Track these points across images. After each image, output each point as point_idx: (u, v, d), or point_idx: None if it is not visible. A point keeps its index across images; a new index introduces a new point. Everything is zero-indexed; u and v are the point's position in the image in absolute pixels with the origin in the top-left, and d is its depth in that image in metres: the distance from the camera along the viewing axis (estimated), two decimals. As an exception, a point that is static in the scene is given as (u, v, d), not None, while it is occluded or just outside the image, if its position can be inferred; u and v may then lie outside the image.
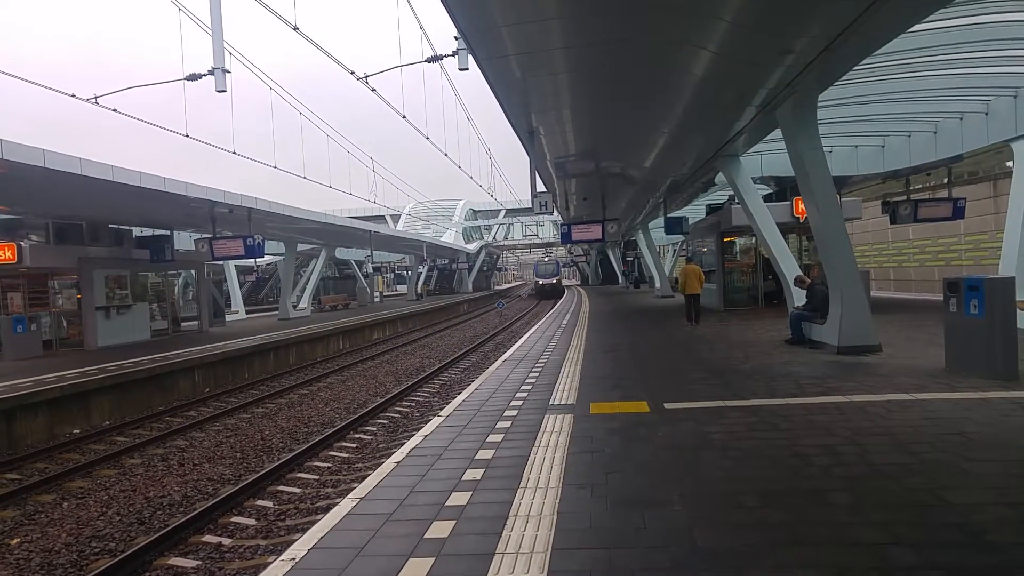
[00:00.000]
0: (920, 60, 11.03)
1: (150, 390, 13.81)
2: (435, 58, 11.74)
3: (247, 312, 36.35)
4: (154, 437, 10.95)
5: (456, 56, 11.20)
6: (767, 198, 18.90)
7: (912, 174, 19.01)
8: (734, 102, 11.05)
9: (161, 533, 6.55)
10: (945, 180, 19.78)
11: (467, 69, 10.90)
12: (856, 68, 9.99)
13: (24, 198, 15.84)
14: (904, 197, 19.84)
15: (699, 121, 12.36)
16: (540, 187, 15.70)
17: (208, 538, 6.71)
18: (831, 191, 10.80)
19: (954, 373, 8.13)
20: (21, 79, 11.62)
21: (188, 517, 6.98)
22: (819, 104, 10.66)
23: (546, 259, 70.95)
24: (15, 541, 6.87)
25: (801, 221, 17.20)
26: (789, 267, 14.02)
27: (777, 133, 12.46)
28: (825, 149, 11.33)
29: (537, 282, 64.36)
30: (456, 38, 10.76)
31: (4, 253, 16.50)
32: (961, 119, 14.63)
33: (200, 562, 6.16)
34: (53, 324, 18.88)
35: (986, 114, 13.80)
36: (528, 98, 10.59)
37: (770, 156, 18.12)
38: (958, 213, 18.78)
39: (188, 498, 7.98)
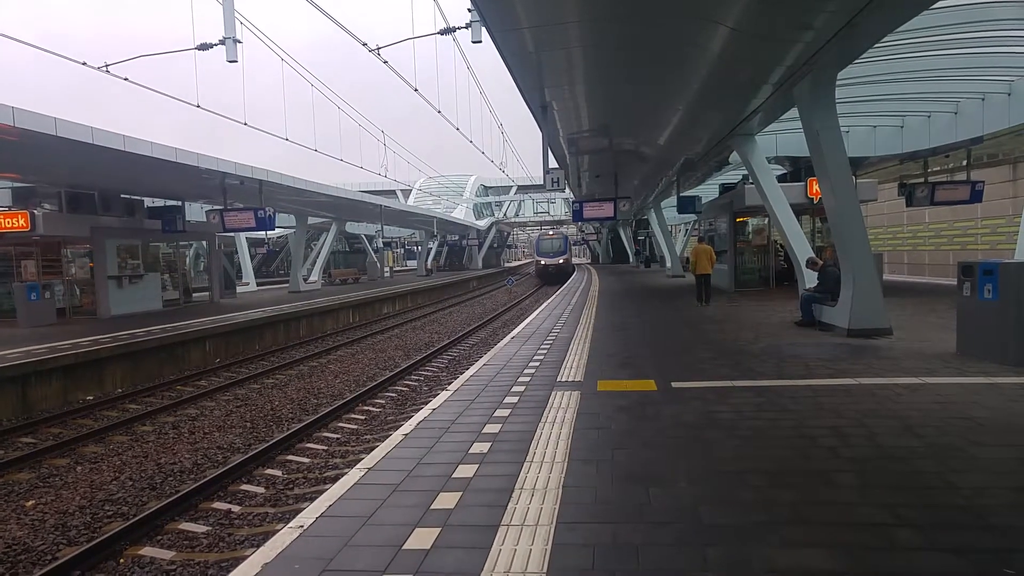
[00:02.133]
0: (942, 38, 10.81)
1: (162, 359, 13.95)
2: (448, 30, 11.62)
3: (258, 284, 36.58)
4: (165, 405, 11.09)
5: (469, 28, 11.09)
6: (781, 179, 18.71)
7: (931, 156, 18.75)
8: (751, 79, 10.89)
9: (172, 499, 6.66)
10: (964, 162, 19.49)
11: (480, 42, 10.80)
12: (876, 46, 9.81)
13: (37, 167, 15.90)
14: (921, 179, 19.59)
15: (715, 99, 12.19)
16: (552, 163, 15.60)
17: (218, 505, 6.81)
18: (847, 172, 10.67)
19: (965, 358, 8.08)
20: (34, 47, 11.62)
21: (198, 484, 7.09)
22: (837, 83, 10.49)
23: (551, 232, 53.66)
24: (30, 503, 7.00)
25: (815, 202, 17.03)
26: (801, 248, 13.91)
27: (793, 112, 12.29)
28: (842, 129, 11.17)
29: (539, 262, 49.76)
30: (470, 10, 10.65)
31: (18, 221, 16.66)
32: (983, 99, 14.38)
33: (210, 528, 6.26)
34: (66, 292, 19.07)
35: (1008, 95, 13.56)
36: (541, 72, 10.47)
37: (785, 136, 17.89)
38: (976, 197, 18.55)
39: (198, 465, 8.09)
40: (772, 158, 18.76)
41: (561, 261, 47.44)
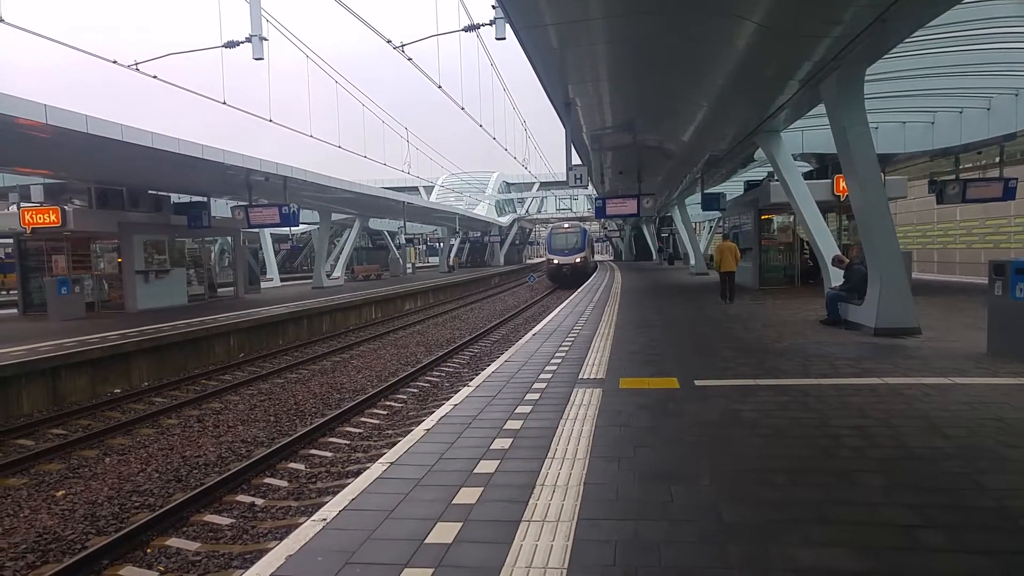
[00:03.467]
0: (974, 33, 10.60)
1: (187, 353, 14.16)
2: (472, 27, 11.62)
3: (282, 280, 37.01)
4: (191, 399, 11.25)
5: (493, 25, 11.09)
6: (807, 176, 18.49)
7: (962, 152, 18.39)
8: (777, 76, 10.76)
9: (198, 491, 6.76)
10: (996, 159, 19.08)
11: (504, 39, 10.78)
12: (906, 41, 9.64)
13: (68, 163, 16.22)
14: (952, 176, 19.23)
15: (740, 95, 12.07)
16: (575, 160, 15.55)
17: (242, 497, 6.90)
18: (875, 169, 10.50)
19: (996, 358, 7.91)
20: (66, 45, 11.85)
21: (223, 476, 7.18)
22: (866, 78, 10.32)
23: (566, 225, 44.04)
24: (60, 493, 7.15)
25: (842, 200, 16.79)
26: (828, 246, 13.72)
27: (820, 108, 12.12)
28: (870, 125, 10.99)
29: (551, 260, 39.93)
30: (494, 7, 10.64)
31: (49, 217, 17.02)
32: (1016, 95, 14.08)
33: (234, 520, 6.34)
34: (95, 287, 19.45)
35: (1043, 90, 13.26)
36: (565, 69, 10.45)
37: (812, 132, 17.66)
38: (1009, 194, 18.16)
39: (223, 459, 8.20)
40: (798, 155, 18.52)
41: (578, 260, 38.60)
